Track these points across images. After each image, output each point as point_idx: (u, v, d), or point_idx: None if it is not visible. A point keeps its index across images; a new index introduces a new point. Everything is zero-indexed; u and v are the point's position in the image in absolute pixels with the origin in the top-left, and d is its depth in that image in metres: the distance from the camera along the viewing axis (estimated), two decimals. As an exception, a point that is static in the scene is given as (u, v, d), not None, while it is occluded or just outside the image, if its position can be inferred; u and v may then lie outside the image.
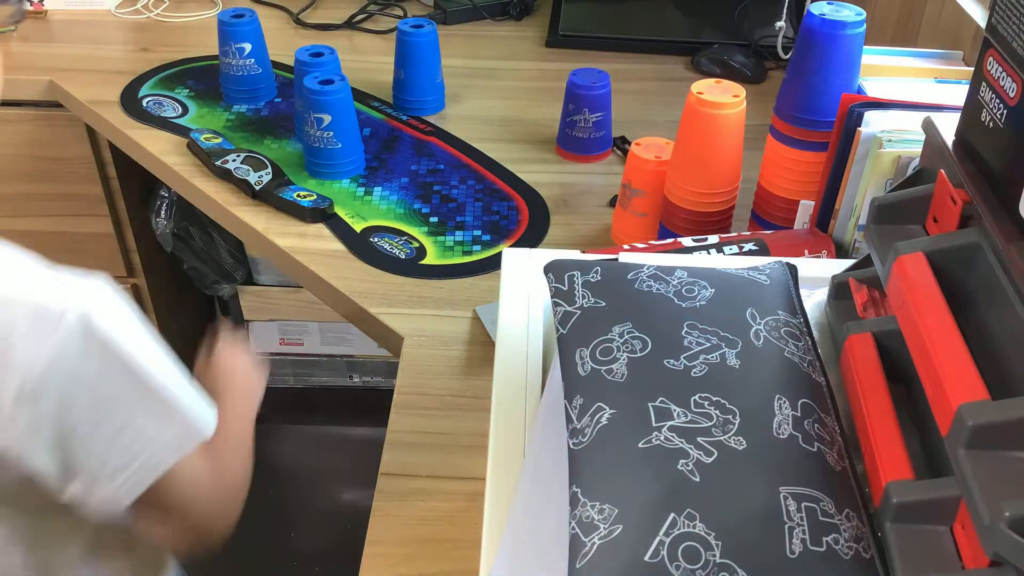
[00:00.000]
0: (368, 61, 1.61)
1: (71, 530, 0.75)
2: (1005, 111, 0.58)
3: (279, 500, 1.86)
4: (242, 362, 0.89)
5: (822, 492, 0.56)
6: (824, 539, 0.54)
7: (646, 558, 0.52)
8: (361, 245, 1.17)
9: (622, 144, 1.37)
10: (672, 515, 0.53)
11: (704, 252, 0.97)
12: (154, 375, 0.66)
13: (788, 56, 1.45)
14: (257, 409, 0.88)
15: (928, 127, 0.68)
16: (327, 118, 1.23)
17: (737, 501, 0.54)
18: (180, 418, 0.68)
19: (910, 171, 0.75)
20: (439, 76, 1.45)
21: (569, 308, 0.68)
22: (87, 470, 0.64)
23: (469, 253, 1.16)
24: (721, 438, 0.57)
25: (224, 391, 0.83)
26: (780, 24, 1.50)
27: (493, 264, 1.13)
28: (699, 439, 0.57)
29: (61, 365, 0.60)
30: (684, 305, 0.66)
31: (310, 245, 1.17)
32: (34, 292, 0.60)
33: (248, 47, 1.41)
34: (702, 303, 0.66)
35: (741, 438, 0.57)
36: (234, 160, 1.27)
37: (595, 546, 0.53)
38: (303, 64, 1.32)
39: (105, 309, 0.63)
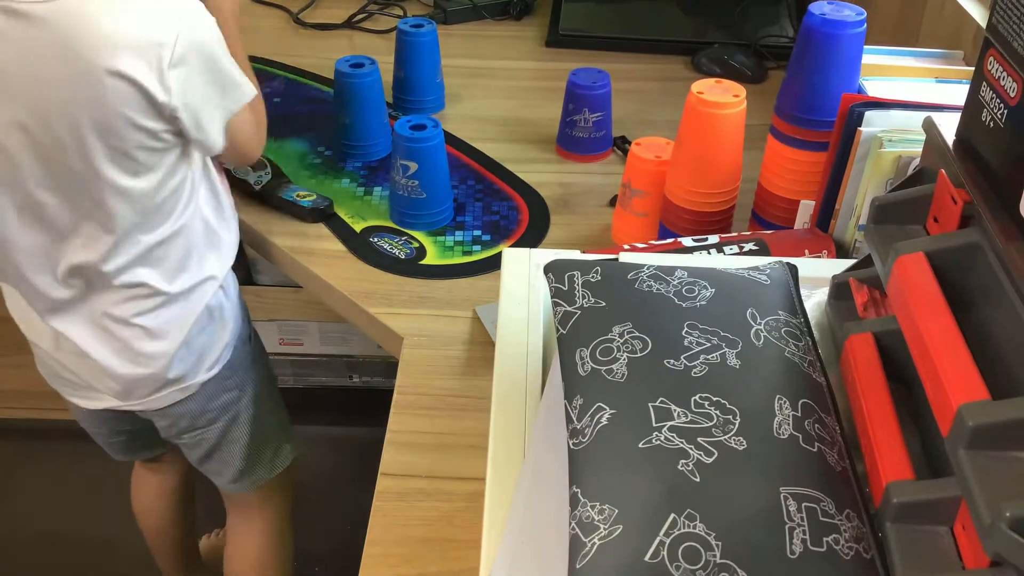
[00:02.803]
0: (368, 61, 1.61)
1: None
2: (1006, 111, 0.58)
3: (279, 500, 1.85)
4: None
5: (822, 492, 0.56)
6: (824, 539, 0.54)
7: (646, 558, 0.52)
8: (361, 245, 1.17)
9: (622, 144, 1.37)
10: (672, 515, 0.53)
11: (704, 252, 0.97)
12: (228, 52, 0.97)
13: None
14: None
15: (929, 127, 0.68)
16: (413, 166, 1.16)
17: (737, 501, 0.54)
18: (242, 82, 1.00)
19: (910, 171, 0.74)
20: (439, 76, 1.45)
21: (569, 308, 0.68)
22: (203, 121, 0.96)
23: (469, 253, 1.15)
24: (721, 438, 0.57)
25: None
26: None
27: (493, 264, 1.13)
28: (699, 439, 0.57)
29: (186, 39, 0.90)
30: (684, 305, 0.66)
31: (310, 245, 1.17)
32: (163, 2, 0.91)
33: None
34: (702, 303, 0.66)
35: (741, 438, 0.57)
36: (234, 160, 1.26)
37: (595, 546, 0.53)
38: (344, 75, 1.29)
39: (201, 8, 0.94)
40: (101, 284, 1.01)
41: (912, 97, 0.95)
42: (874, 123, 0.92)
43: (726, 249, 0.97)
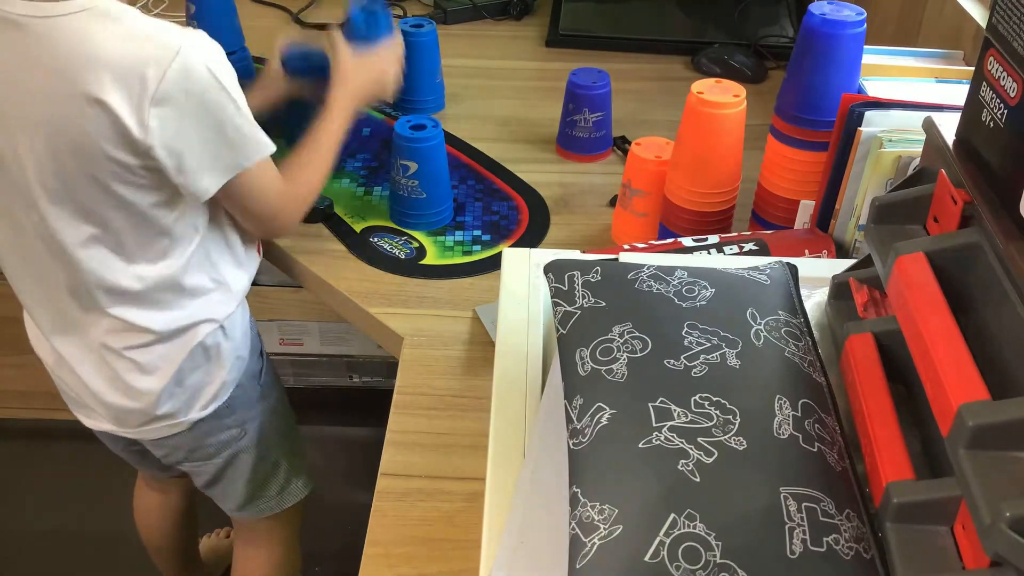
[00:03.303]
0: (368, 61, 1.61)
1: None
2: (1006, 111, 0.58)
3: (279, 500, 1.85)
4: (367, 67, 1.16)
5: (822, 492, 0.56)
6: (824, 539, 0.54)
7: (646, 558, 0.52)
8: (361, 245, 1.17)
9: (622, 144, 1.37)
10: (672, 515, 0.53)
11: (704, 252, 0.97)
12: (240, 102, 0.92)
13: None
14: (365, 100, 1.16)
15: (929, 127, 0.68)
16: (413, 166, 1.16)
17: (737, 501, 0.54)
18: (252, 138, 0.94)
19: (911, 171, 0.74)
20: (439, 76, 1.45)
21: (569, 308, 0.68)
22: (188, 166, 0.90)
23: (469, 253, 1.15)
24: (721, 438, 0.57)
25: (336, 92, 1.12)
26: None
27: (493, 264, 1.13)
28: (699, 439, 0.57)
29: (178, 78, 0.86)
30: (684, 305, 0.66)
31: (310, 245, 1.17)
32: (159, 31, 0.87)
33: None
34: (702, 303, 0.66)
35: (741, 438, 0.57)
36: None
37: (595, 546, 0.53)
38: None
39: (209, 50, 0.89)
40: (98, 309, 0.99)
41: (912, 97, 0.95)
42: (874, 123, 0.92)
43: (726, 249, 0.97)
